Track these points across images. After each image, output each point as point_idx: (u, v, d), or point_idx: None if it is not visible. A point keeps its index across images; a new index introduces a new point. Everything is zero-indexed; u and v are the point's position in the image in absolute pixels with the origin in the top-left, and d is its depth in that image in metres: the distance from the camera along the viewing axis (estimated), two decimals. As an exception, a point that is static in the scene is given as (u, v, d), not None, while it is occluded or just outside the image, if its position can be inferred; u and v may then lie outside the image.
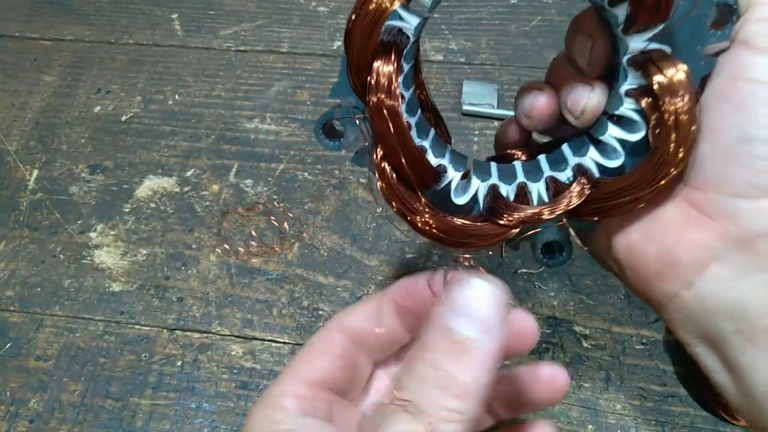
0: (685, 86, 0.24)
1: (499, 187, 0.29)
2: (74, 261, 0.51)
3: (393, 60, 0.26)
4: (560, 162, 0.29)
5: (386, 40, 0.26)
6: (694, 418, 0.42)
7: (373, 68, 0.26)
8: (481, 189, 0.29)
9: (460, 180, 0.29)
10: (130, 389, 0.44)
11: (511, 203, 0.29)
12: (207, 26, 0.69)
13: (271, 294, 0.49)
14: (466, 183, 0.30)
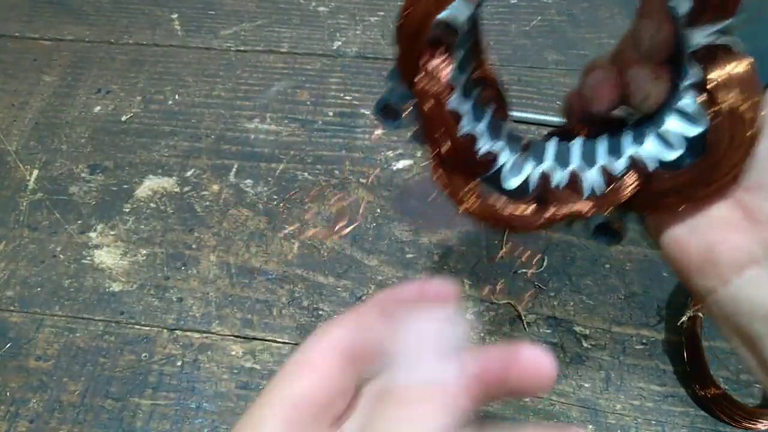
0: (745, 83, 0.23)
1: (551, 175, 0.29)
2: (74, 261, 0.51)
3: (441, 53, 0.26)
4: (616, 150, 0.29)
5: (436, 34, 0.26)
6: (694, 419, 0.42)
7: (420, 62, 0.26)
8: (534, 174, 0.29)
9: (514, 162, 0.29)
10: (130, 389, 0.44)
11: (561, 195, 0.28)
12: (207, 26, 0.69)
13: (271, 294, 0.49)
14: (519, 165, 0.30)
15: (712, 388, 0.42)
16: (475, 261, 0.50)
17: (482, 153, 0.28)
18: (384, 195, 0.54)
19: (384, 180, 0.55)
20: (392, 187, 0.54)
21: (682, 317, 0.45)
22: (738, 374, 0.44)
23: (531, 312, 0.47)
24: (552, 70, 0.62)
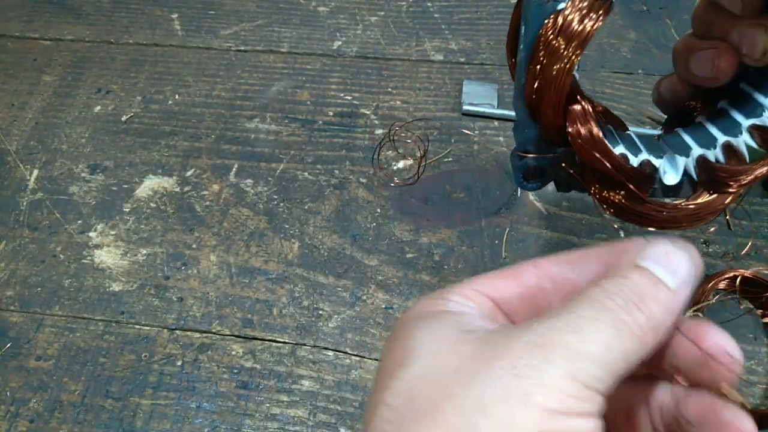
0: None
1: (706, 156, 0.29)
2: (74, 261, 0.51)
3: (584, 110, 0.28)
4: (753, 107, 0.29)
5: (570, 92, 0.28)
6: (694, 418, 0.42)
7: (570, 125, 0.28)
8: (689, 163, 0.30)
9: (666, 161, 0.30)
10: (130, 389, 0.44)
11: (732, 168, 0.29)
12: (207, 26, 0.69)
13: (272, 294, 0.49)
14: (671, 161, 0.30)
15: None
16: (476, 261, 0.50)
17: (638, 165, 0.30)
18: (384, 195, 0.54)
19: (384, 180, 0.55)
20: (392, 187, 0.54)
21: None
22: (738, 374, 0.44)
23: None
24: (552, 70, 0.62)
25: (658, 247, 0.21)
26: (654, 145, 0.32)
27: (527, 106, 0.28)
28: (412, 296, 0.48)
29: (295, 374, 0.45)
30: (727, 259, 0.49)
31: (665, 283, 0.20)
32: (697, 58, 0.30)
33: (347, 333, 0.47)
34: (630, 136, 0.32)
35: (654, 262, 0.21)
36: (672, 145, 0.32)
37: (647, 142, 0.32)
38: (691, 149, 0.31)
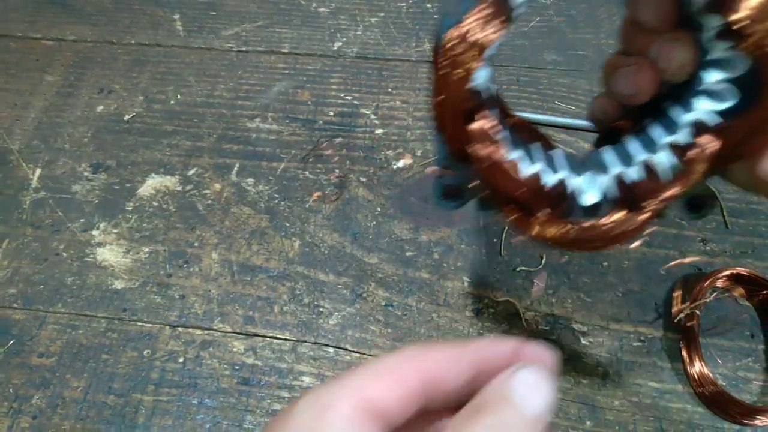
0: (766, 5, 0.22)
1: (624, 175, 0.29)
2: (77, 259, 0.51)
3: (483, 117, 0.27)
4: (672, 125, 0.29)
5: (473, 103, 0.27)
6: (691, 415, 0.43)
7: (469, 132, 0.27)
8: (607, 182, 0.30)
9: (584, 180, 0.30)
10: (132, 386, 0.45)
11: (644, 186, 0.28)
12: (209, 27, 0.69)
13: (273, 291, 0.49)
14: (590, 180, 0.30)
15: (709, 385, 0.42)
16: (475, 259, 0.50)
17: (551, 185, 0.29)
18: (384, 194, 0.54)
19: (384, 179, 0.55)
20: (392, 187, 0.55)
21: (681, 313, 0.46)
22: (736, 371, 0.44)
23: (529, 309, 0.47)
24: (550, 71, 0.63)
25: (527, 376, 0.23)
26: (577, 164, 0.31)
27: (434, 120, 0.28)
28: (412, 294, 0.49)
29: (295, 371, 0.45)
30: (724, 257, 0.49)
31: (533, 416, 0.22)
32: (619, 75, 0.30)
33: (347, 330, 0.47)
34: (551, 154, 0.31)
35: (524, 397, 0.22)
36: (594, 164, 0.31)
37: (570, 160, 0.31)
38: (611, 168, 0.30)
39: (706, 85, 0.26)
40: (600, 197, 0.30)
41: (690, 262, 0.49)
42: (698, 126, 0.27)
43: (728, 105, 0.26)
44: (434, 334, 0.47)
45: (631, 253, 0.50)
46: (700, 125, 0.27)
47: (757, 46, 0.23)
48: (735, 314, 0.47)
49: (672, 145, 0.28)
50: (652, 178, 0.28)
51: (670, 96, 0.29)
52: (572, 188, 0.30)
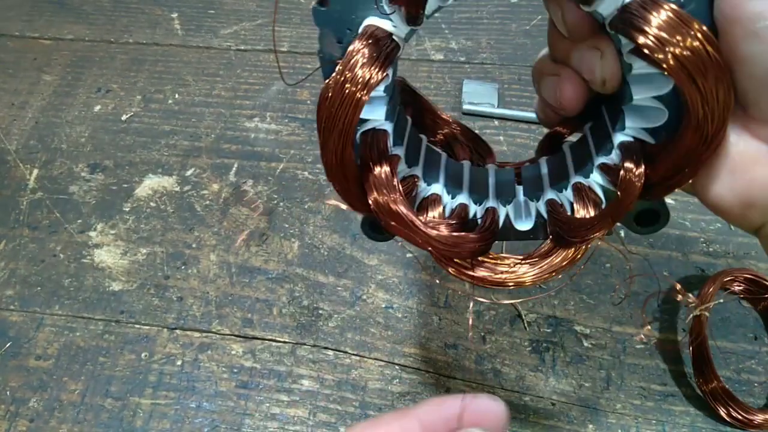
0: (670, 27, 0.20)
1: (555, 201, 0.27)
2: (74, 260, 0.51)
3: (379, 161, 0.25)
4: (605, 142, 0.27)
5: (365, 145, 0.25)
6: (694, 418, 0.42)
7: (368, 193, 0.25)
8: (540, 208, 0.28)
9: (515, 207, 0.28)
10: (130, 388, 0.44)
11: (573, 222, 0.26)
12: (207, 25, 0.69)
13: (271, 293, 0.49)
14: (522, 207, 0.29)
15: (714, 382, 0.42)
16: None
17: (479, 217, 0.28)
18: (384, 194, 0.54)
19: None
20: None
21: (684, 318, 0.45)
22: (739, 374, 0.44)
23: (531, 311, 0.47)
24: (552, 70, 0.62)
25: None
26: (506, 187, 0.29)
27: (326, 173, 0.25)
28: (412, 296, 0.48)
29: (295, 374, 0.45)
30: (727, 258, 0.49)
31: None
32: (543, 83, 0.28)
33: (347, 332, 0.47)
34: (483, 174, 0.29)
35: None
36: (528, 183, 0.29)
37: (501, 182, 0.29)
38: (542, 192, 0.28)
39: (635, 100, 0.24)
40: (533, 223, 0.28)
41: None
42: (627, 148, 0.25)
43: (658, 123, 0.24)
44: (435, 336, 0.46)
45: (634, 255, 0.49)
46: (628, 147, 0.25)
47: (672, 68, 0.21)
48: (739, 316, 0.46)
49: (603, 167, 0.26)
50: (585, 204, 0.26)
51: (608, 101, 0.27)
52: (503, 217, 0.28)
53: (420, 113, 0.31)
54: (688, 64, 0.21)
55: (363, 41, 0.22)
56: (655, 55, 0.21)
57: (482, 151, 0.32)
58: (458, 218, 0.28)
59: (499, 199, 0.29)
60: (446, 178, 0.29)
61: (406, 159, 0.28)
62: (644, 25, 0.20)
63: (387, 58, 0.22)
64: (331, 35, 0.23)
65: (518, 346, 0.45)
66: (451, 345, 0.46)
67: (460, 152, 0.31)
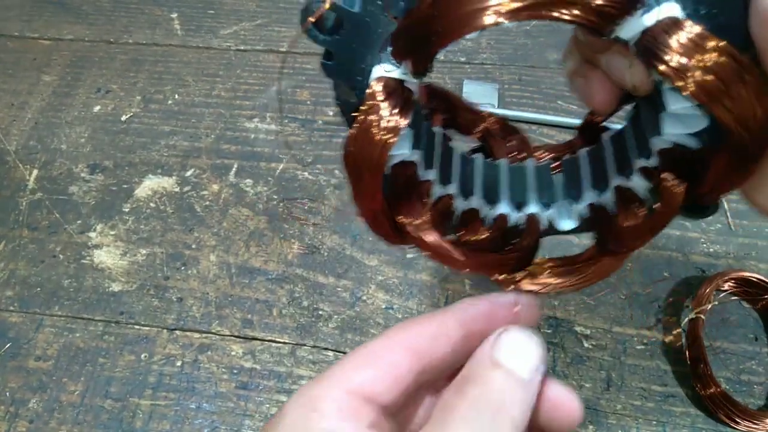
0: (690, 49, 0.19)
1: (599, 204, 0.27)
2: (74, 261, 0.51)
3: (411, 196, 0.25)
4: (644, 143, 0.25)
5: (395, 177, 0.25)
6: (694, 419, 0.42)
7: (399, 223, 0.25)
8: (582, 210, 0.28)
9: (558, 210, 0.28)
10: (129, 389, 0.44)
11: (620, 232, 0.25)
12: (207, 26, 0.68)
13: (271, 294, 0.49)
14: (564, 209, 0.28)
15: (713, 387, 0.42)
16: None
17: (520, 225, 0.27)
18: (384, 195, 0.54)
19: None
20: (392, 187, 0.54)
21: (683, 318, 0.45)
22: (739, 375, 0.44)
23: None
24: (553, 70, 0.62)
25: (511, 340, 0.23)
26: (546, 187, 0.29)
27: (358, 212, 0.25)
28: (412, 296, 0.48)
29: (295, 375, 0.45)
30: (727, 259, 0.49)
31: (522, 378, 0.22)
32: (575, 84, 0.27)
33: (347, 333, 0.47)
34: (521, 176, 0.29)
35: (510, 357, 0.22)
36: (569, 181, 0.28)
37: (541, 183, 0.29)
38: (582, 192, 0.28)
39: (670, 110, 0.23)
40: (576, 224, 0.28)
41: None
42: (666, 155, 0.24)
43: (698, 129, 0.23)
44: (435, 337, 0.46)
45: (635, 255, 0.49)
46: (667, 154, 0.24)
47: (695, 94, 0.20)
48: (738, 317, 0.46)
49: (643, 170, 0.25)
50: (627, 208, 0.26)
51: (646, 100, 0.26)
52: (544, 220, 0.28)
53: (453, 114, 0.30)
54: (711, 87, 0.20)
55: (380, 90, 0.22)
56: (677, 84, 0.20)
57: (519, 142, 0.31)
58: (498, 230, 0.27)
59: (540, 202, 0.29)
60: (483, 189, 0.29)
61: (440, 179, 0.27)
62: (664, 53, 0.20)
63: (405, 103, 0.22)
64: (344, 85, 0.23)
65: (518, 347, 0.45)
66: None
67: (497, 148, 0.30)
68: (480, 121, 0.30)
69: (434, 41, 0.20)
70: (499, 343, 0.23)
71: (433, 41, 0.20)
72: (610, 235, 0.26)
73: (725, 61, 0.19)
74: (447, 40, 0.19)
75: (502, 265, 0.27)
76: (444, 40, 0.19)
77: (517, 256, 0.27)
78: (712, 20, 0.20)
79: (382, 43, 0.21)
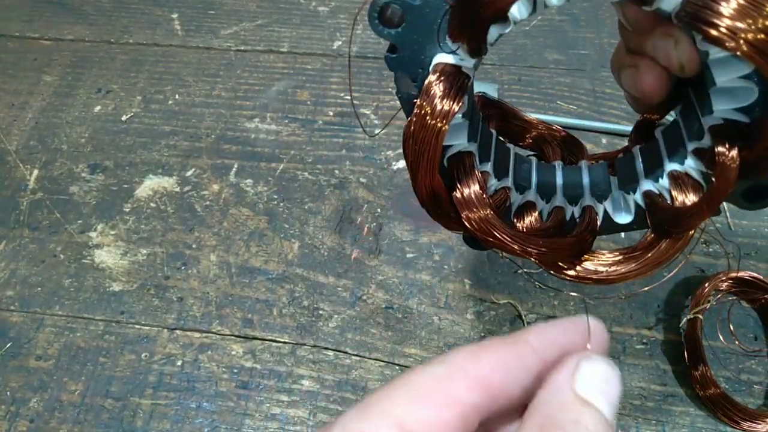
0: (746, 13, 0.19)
1: (653, 192, 0.27)
2: (74, 261, 0.51)
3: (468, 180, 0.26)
4: (696, 126, 0.26)
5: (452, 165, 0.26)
6: (694, 418, 0.42)
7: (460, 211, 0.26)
8: (638, 200, 0.28)
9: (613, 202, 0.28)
10: (130, 389, 0.44)
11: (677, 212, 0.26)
12: (207, 26, 0.69)
13: (272, 294, 0.49)
14: (619, 202, 0.29)
15: (712, 389, 0.42)
16: (475, 261, 0.50)
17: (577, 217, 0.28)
18: (384, 195, 0.54)
19: (384, 180, 0.55)
20: (392, 187, 0.54)
21: (683, 318, 0.45)
22: (739, 374, 0.44)
23: (531, 312, 0.47)
24: (552, 70, 0.62)
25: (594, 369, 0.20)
26: (601, 183, 0.29)
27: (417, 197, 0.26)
28: (412, 296, 0.48)
29: (295, 374, 0.45)
30: (728, 260, 0.49)
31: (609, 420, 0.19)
32: (623, 76, 0.27)
33: (347, 333, 0.47)
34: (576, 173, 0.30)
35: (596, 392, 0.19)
36: (623, 175, 0.29)
37: (595, 179, 0.29)
38: (638, 183, 0.28)
39: (719, 83, 0.23)
40: (632, 216, 0.28)
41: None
42: (718, 131, 0.24)
43: (749, 102, 0.23)
44: (435, 336, 0.46)
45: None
46: (719, 130, 0.24)
47: (747, 54, 0.20)
48: (738, 317, 0.46)
49: (697, 151, 0.26)
50: (683, 192, 0.26)
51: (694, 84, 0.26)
52: (601, 214, 0.29)
53: (505, 122, 0.31)
54: (763, 46, 0.20)
55: (435, 78, 0.23)
56: (728, 45, 0.20)
57: (573, 148, 0.32)
58: (555, 222, 0.28)
59: (595, 196, 0.29)
60: (538, 184, 0.29)
61: (495, 173, 0.28)
62: (711, 17, 0.20)
63: (460, 89, 0.23)
64: (406, 77, 0.24)
65: (518, 347, 0.45)
66: (451, 345, 0.46)
67: (551, 153, 0.31)
68: (532, 128, 0.31)
69: (483, 14, 0.20)
70: (582, 374, 0.19)
71: (482, 14, 0.21)
72: (667, 218, 0.27)
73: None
74: (495, 9, 0.20)
75: (559, 249, 0.27)
76: (491, 9, 0.20)
77: (576, 241, 0.27)
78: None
79: (442, 33, 0.23)
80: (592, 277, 0.28)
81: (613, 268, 0.28)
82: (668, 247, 0.28)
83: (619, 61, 0.28)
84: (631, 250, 0.29)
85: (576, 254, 0.28)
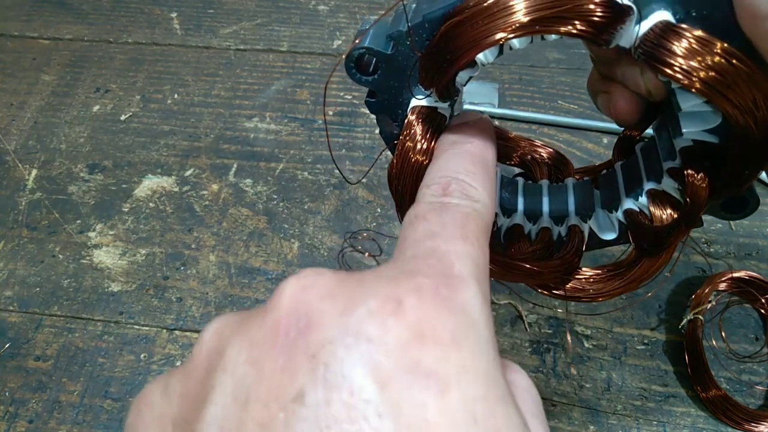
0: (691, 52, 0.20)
1: (635, 210, 0.28)
2: (73, 261, 0.51)
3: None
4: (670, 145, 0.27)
5: None
6: (695, 419, 0.42)
7: None
8: (621, 218, 0.29)
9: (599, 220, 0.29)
10: (129, 389, 0.44)
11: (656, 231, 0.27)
12: (206, 25, 0.68)
13: (271, 294, 0.48)
14: (604, 220, 0.29)
15: (713, 390, 0.42)
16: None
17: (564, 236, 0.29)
18: (384, 195, 0.54)
19: (384, 180, 0.55)
20: (392, 187, 0.54)
21: (683, 319, 0.45)
22: (739, 375, 0.44)
23: (532, 312, 0.47)
24: (553, 69, 0.62)
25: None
26: (586, 201, 0.30)
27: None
28: (412, 296, 0.48)
29: (294, 375, 0.45)
30: (728, 259, 0.49)
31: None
32: (598, 100, 0.29)
33: (347, 333, 0.46)
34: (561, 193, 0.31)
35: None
36: (605, 192, 0.30)
37: (580, 198, 0.30)
38: (619, 201, 0.29)
39: (684, 108, 0.24)
40: (617, 233, 0.29)
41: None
42: (687, 153, 0.25)
43: (715, 124, 0.24)
44: (435, 337, 0.46)
45: (634, 255, 0.49)
46: (689, 152, 0.25)
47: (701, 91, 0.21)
48: (739, 317, 0.46)
49: (671, 171, 0.27)
50: (662, 208, 0.27)
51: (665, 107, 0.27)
52: (586, 232, 0.29)
53: None
54: (714, 83, 0.21)
55: (414, 118, 0.25)
56: (682, 82, 0.21)
57: (559, 164, 0.32)
58: (542, 243, 0.29)
59: (580, 215, 0.30)
60: (525, 206, 0.30)
61: None
62: (665, 56, 0.21)
63: (437, 130, 0.25)
64: (387, 118, 0.26)
65: (519, 347, 0.45)
66: (451, 346, 0.45)
67: (537, 170, 0.32)
68: (518, 147, 0.32)
69: (447, 67, 0.22)
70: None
71: (446, 68, 0.22)
72: (647, 236, 0.27)
73: (725, 60, 0.20)
74: (458, 64, 0.22)
75: (547, 272, 0.28)
76: (456, 64, 0.22)
77: (562, 262, 0.28)
78: (704, 21, 0.21)
79: (413, 80, 0.24)
80: (578, 296, 0.29)
81: (598, 286, 0.29)
82: (650, 265, 0.28)
83: (593, 87, 0.29)
84: (615, 267, 0.29)
85: (564, 274, 0.29)
